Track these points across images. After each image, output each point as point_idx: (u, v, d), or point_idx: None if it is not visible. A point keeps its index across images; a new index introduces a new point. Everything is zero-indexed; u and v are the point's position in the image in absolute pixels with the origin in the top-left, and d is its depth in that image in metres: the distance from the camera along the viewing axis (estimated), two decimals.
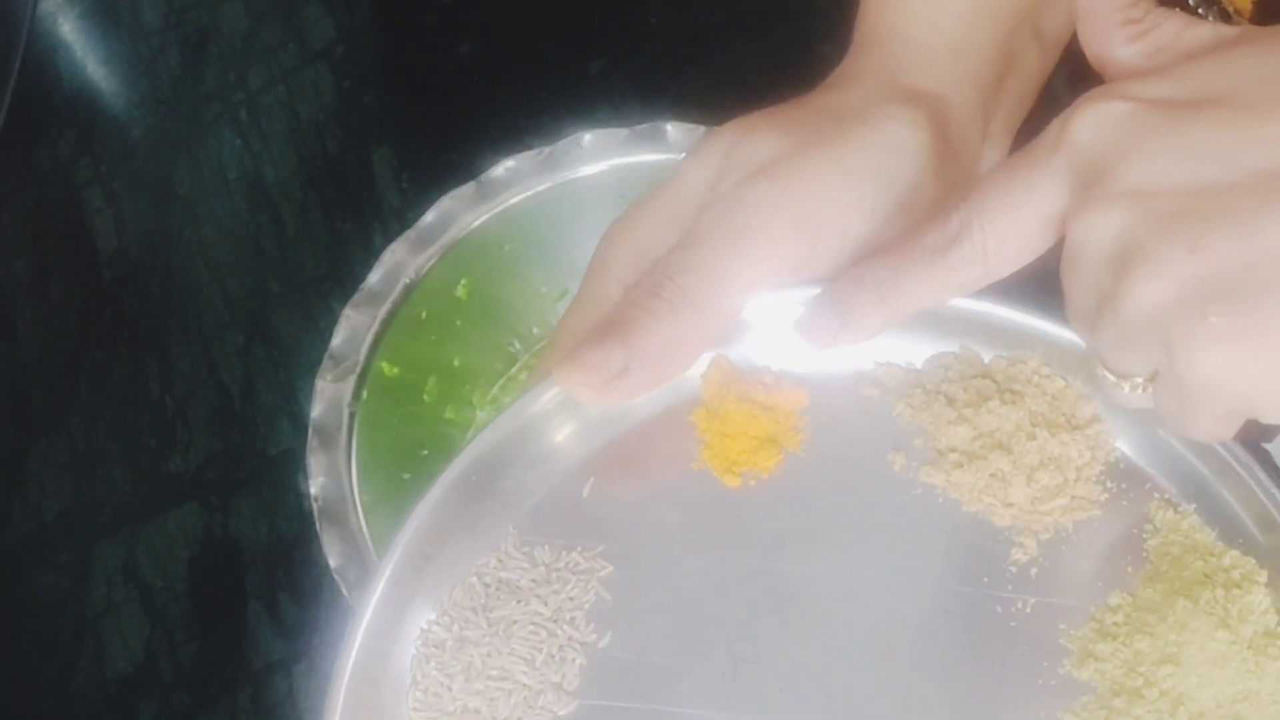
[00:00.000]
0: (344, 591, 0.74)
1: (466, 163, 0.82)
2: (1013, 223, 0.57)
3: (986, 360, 0.66)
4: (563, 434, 0.67)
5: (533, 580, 0.65)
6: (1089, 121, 0.55)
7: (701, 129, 0.83)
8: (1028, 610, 0.63)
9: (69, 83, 0.84)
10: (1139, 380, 0.58)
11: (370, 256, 0.78)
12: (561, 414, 0.66)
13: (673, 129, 0.84)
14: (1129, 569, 0.64)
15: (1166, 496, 0.65)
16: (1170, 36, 0.59)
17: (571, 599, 0.65)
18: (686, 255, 0.63)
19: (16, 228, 0.81)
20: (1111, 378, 0.59)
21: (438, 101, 0.92)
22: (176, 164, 0.86)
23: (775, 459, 0.66)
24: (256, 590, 0.76)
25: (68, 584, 0.73)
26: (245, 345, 0.74)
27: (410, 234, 0.85)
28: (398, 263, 0.84)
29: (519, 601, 0.64)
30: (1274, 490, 0.63)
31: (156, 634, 0.65)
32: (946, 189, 0.65)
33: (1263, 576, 0.63)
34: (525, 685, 0.63)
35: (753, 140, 0.65)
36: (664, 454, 0.67)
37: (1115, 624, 0.63)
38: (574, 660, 0.64)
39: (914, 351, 0.67)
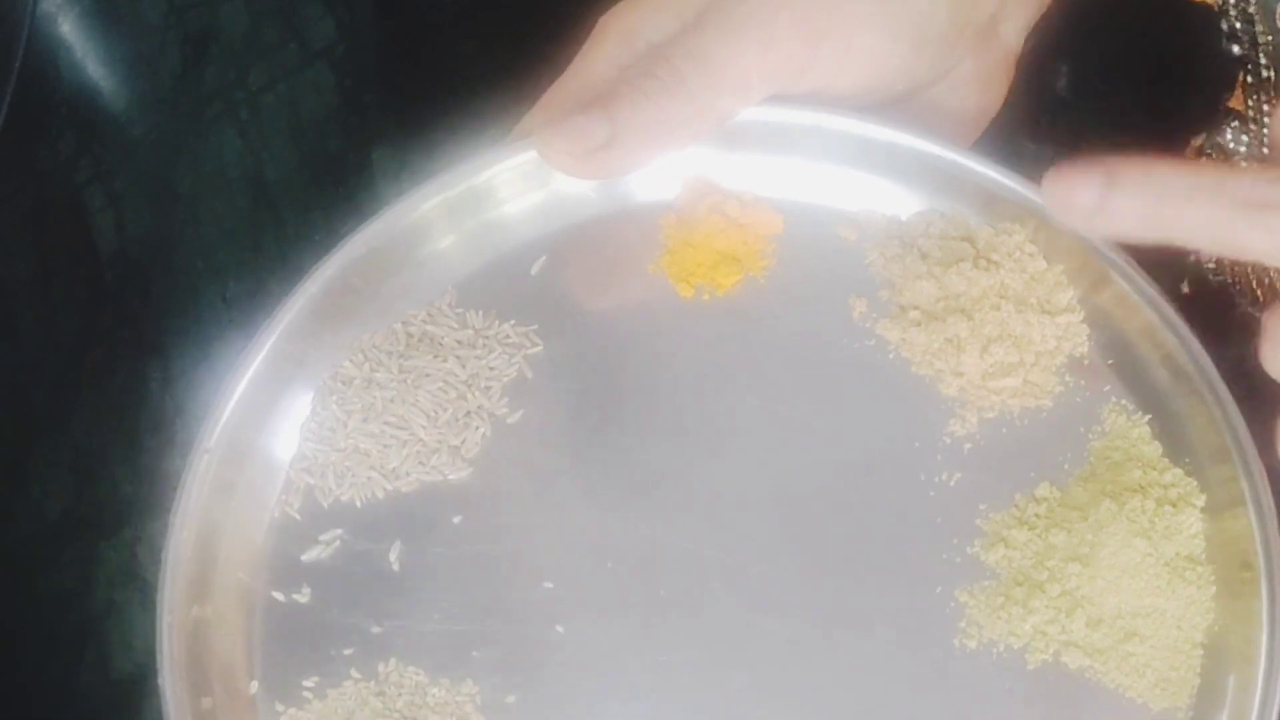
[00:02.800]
0: None
1: None
2: None
3: (973, 225, 0.63)
4: (526, 204, 0.64)
5: (458, 341, 0.63)
6: None
7: None
8: (951, 483, 0.61)
9: (69, 82, 0.82)
10: None
11: None
12: (528, 182, 0.64)
13: None
14: (1066, 465, 0.61)
15: (1123, 403, 0.61)
16: None
17: (492, 368, 0.62)
18: (685, 41, 0.61)
19: (17, 228, 0.79)
20: None
21: (438, 101, 0.91)
22: (177, 163, 0.86)
23: (734, 278, 0.64)
24: None
25: (70, 583, 0.72)
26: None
27: None
28: None
29: (437, 357, 0.62)
30: (1238, 426, 0.59)
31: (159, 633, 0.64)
32: (960, 27, 0.62)
33: (1200, 500, 0.60)
34: (421, 440, 0.61)
35: None
36: (623, 250, 0.64)
37: (1036, 515, 0.60)
38: (478, 429, 0.61)
39: (903, 203, 0.64)
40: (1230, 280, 0.71)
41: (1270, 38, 0.61)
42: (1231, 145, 0.66)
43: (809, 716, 0.58)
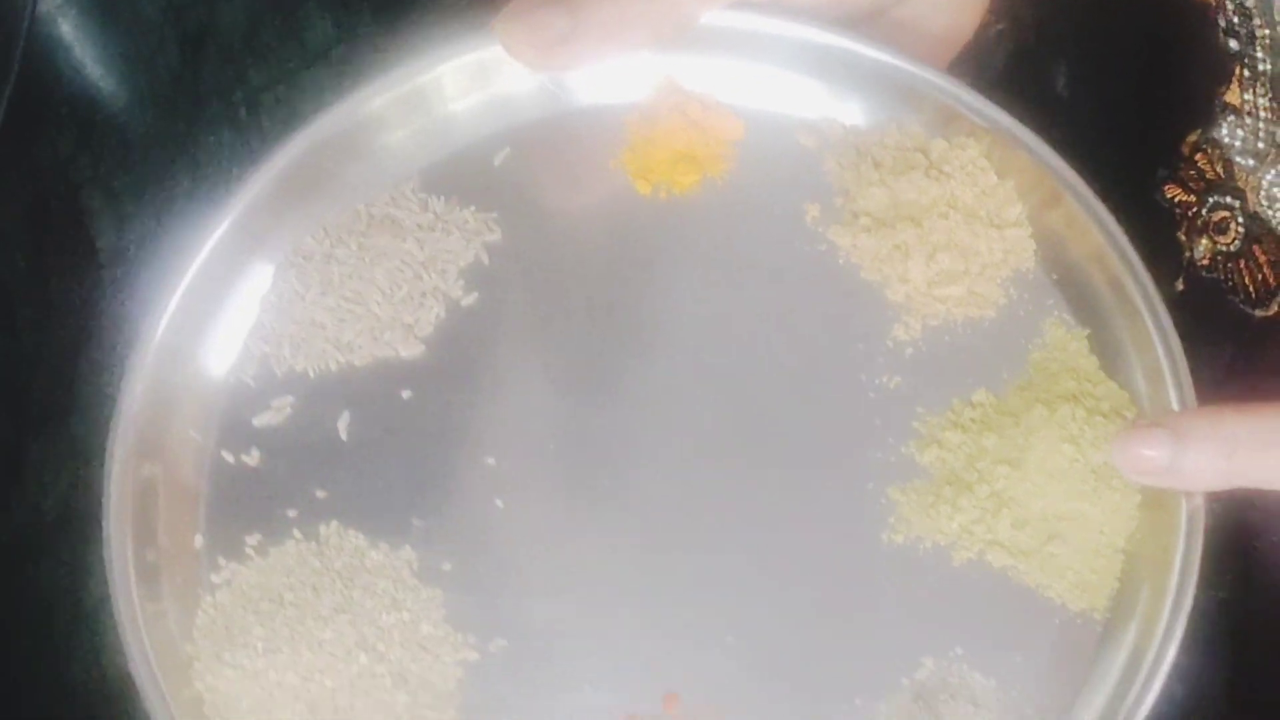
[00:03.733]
0: None
1: None
2: None
3: (928, 138, 0.64)
4: (491, 95, 0.66)
5: (418, 224, 0.64)
6: None
7: None
8: (891, 386, 0.62)
9: (68, 81, 0.82)
10: None
11: None
12: (495, 75, 0.65)
13: None
14: (1004, 374, 0.63)
15: (1064, 317, 0.63)
16: None
17: (450, 251, 0.64)
18: None
19: (16, 226, 0.79)
20: None
21: None
22: (175, 163, 0.86)
23: (692, 178, 0.65)
24: None
25: (65, 578, 0.72)
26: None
27: None
28: None
29: (396, 237, 0.64)
30: (1174, 347, 0.61)
31: None
32: None
33: (1131, 413, 0.61)
34: (376, 316, 0.62)
35: None
36: (586, 145, 0.66)
37: (971, 419, 0.62)
38: (432, 309, 0.63)
39: (862, 114, 0.65)
40: (1223, 278, 0.71)
41: (1268, 32, 0.62)
42: (1227, 140, 0.67)
43: (738, 601, 0.60)
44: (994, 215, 0.64)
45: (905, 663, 0.59)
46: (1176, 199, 0.70)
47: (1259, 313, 0.68)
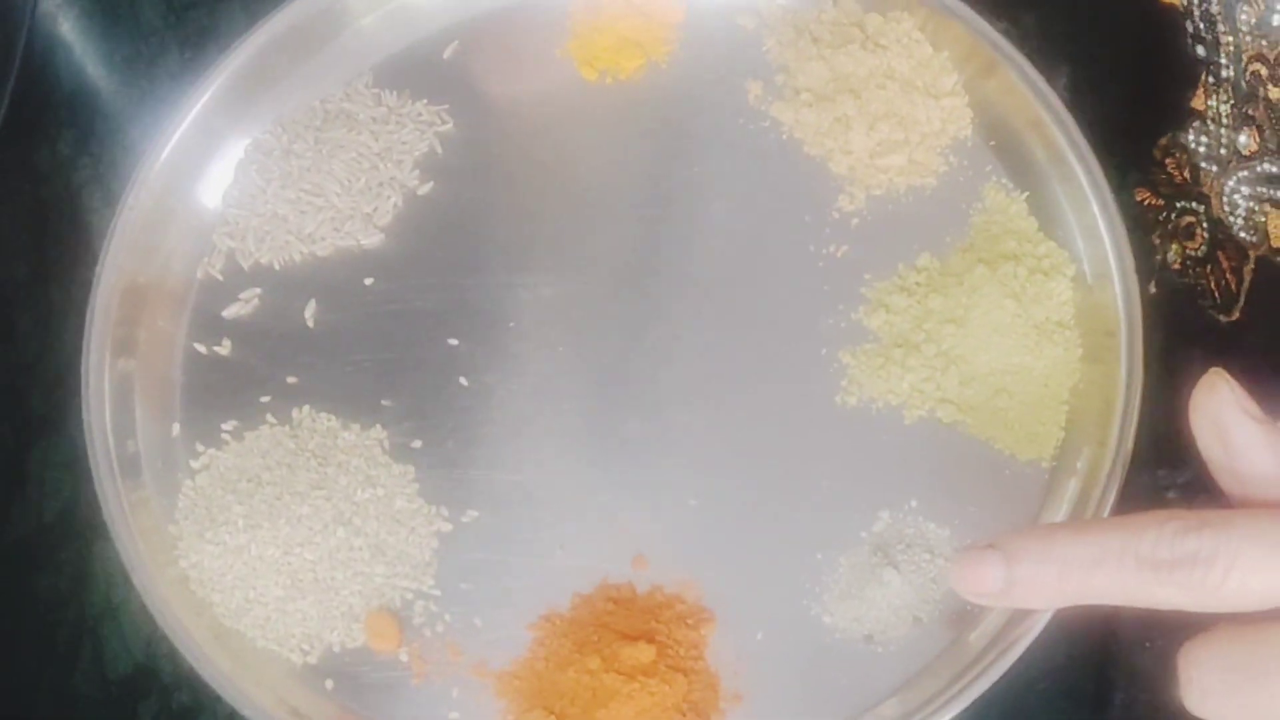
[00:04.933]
0: None
1: None
2: (1267, 583, 0.49)
3: (863, 13, 0.66)
4: None
5: (372, 117, 0.66)
6: None
7: None
8: (838, 255, 0.64)
9: (69, 82, 0.80)
10: None
11: None
12: None
13: None
14: (948, 238, 0.65)
15: (1004, 182, 0.65)
16: None
17: (404, 143, 0.66)
18: None
19: (16, 227, 0.78)
20: None
21: None
22: None
23: (637, 63, 0.67)
24: None
25: (67, 585, 0.71)
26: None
27: None
28: None
29: (352, 131, 0.65)
30: (1110, 206, 0.63)
31: (156, 635, 0.62)
32: None
33: (1070, 270, 0.63)
34: (336, 207, 0.64)
35: None
36: (533, 37, 0.68)
37: (916, 282, 0.64)
38: (390, 198, 0.65)
39: None
40: (1193, 284, 0.72)
41: (1231, 39, 0.63)
42: (1193, 145, 0.67)
43: (700, 465, 0.62)
44: (931, 85, 0.66)
45: (863, 518, 0.61)
46: (1146, 202, 0.71)
47: (1224, 318, 0.68)
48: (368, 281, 0.64)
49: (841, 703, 0.58)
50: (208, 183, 0.65)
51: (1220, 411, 0.52)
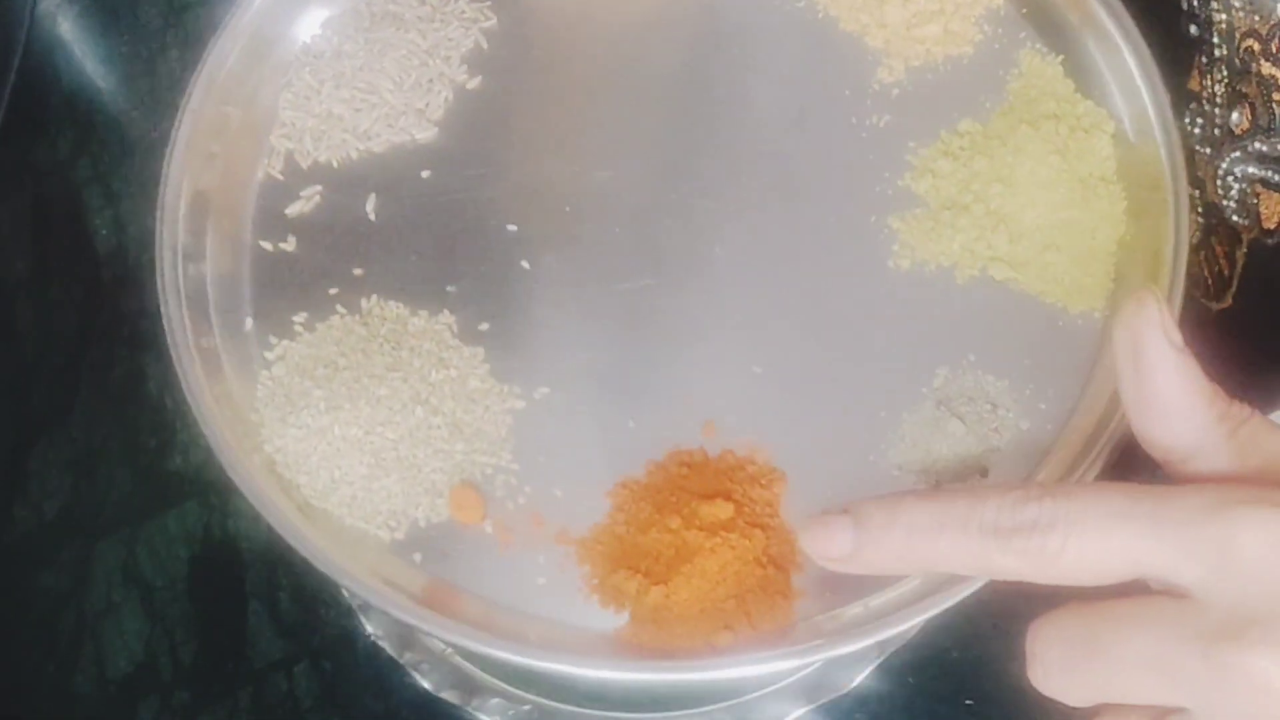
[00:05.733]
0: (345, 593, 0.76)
1: None
2: (1104, 553, 0.50)
3: None
4: None
5: (418, 16, 0.67)
6: (1260, 540, 0.48)
7: None
8: (881, 125, 0.66)
9: (68, 82, 0.81)
10: None
11: None
12: None
13: None
14: (987, 104, 0.66)
15: (1038, 47, 0.67)
16: (1260, 434, 0.53)
17: (450, 39, 0.67)
18: None
19: (16, 227, 0.79)
20: None
21: None
22: None
23: None
24: (256, 590, 0.77)
25: (67, 583, 0.72)
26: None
27: None
28: None
29: (399, 29, 0.67)
30: (1147, 62, 0.64)
31: (156, 633, 0.67)
32: None
33: (1110, 127, 0.65)
34: (390, 103, 0.65)
35: None
36: None
37: (960, 147, 0.65)
38: (440, 93, 0.66)
39: None
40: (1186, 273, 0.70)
41: (1224, 16, 0.63)
42: (1188, 128, 0.67)
43: (762, 333, 0.63)
44: None
45: (923, 374, 0.63)
46: None
47: (1216, 305, 0.69)
48: (424, 174, 0.65)
49: None
50: (263, 87, 0.66)
51: (1142, 329, 0.52)
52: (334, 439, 0.59)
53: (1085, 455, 0.58)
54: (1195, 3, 0.65)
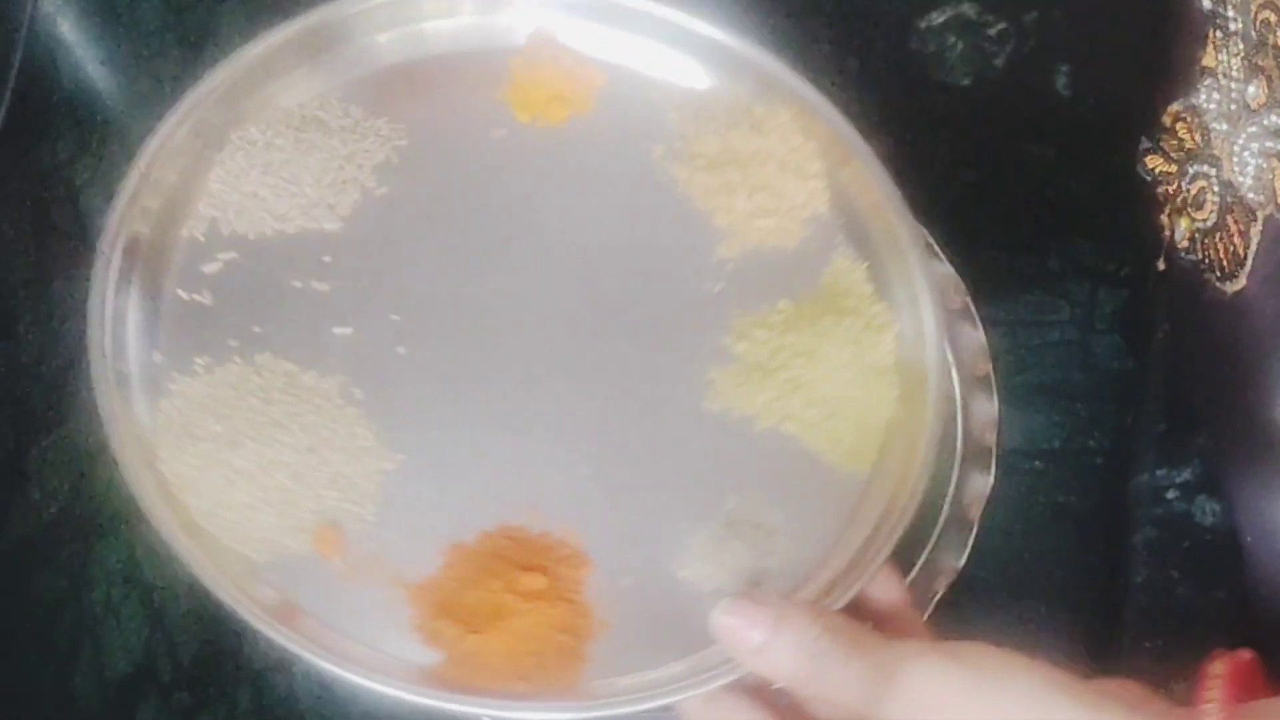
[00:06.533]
0: None
1: None
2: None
3: (752, 102, 0.82)
4: (406, 31, 0.81)
5: (342, 126, 0.79)
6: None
7: None
8: (714, 291, 0.79)
9: (69, 82, 0.82)
10: None
11: None
12: (410, 10, 0.81)
13: None
14: (803, 288, 0.79)
15: (849, 251, 0.81)
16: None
17: (366, 150, 0.79)
18: None
19: (16, 227, 0.78)
20: None
21: None
22: None
23: (564, 114, 0.81)
24: None
25: (67, 584, 0.72)
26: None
27: None
28: None
29: (324, 134, 0.78)
30: (929, 281, 0.79)
31: (156, 634, 0.68)
32: None
33: (895, 329, 0.79)
34: (306, 194, 0.77)
35: None
36: (478, 78, 0.82)
37: (775, 321, 0.78)
38: (351, 194, 0.78)
39: (704, 77, 0.83)
40: (1200, 257, 0.74)
41: None
42: (1204, 104, 0.67)
43: (587, 438, 0.75)
44: (799, 168, 0.82)
45: (717, 498, 0.74)
46: (1158, 170, 0.73)
47: (1230, 287, 0.70)
48: (325, 259, 0.76)
49: (687, 642, 0.71)
50: (200, 161, 0.77)
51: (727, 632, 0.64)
52: (228, 470, 0.69)
53: (843, 580, 0.71)
54: None
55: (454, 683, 0.68)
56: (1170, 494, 0.74)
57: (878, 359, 0.78)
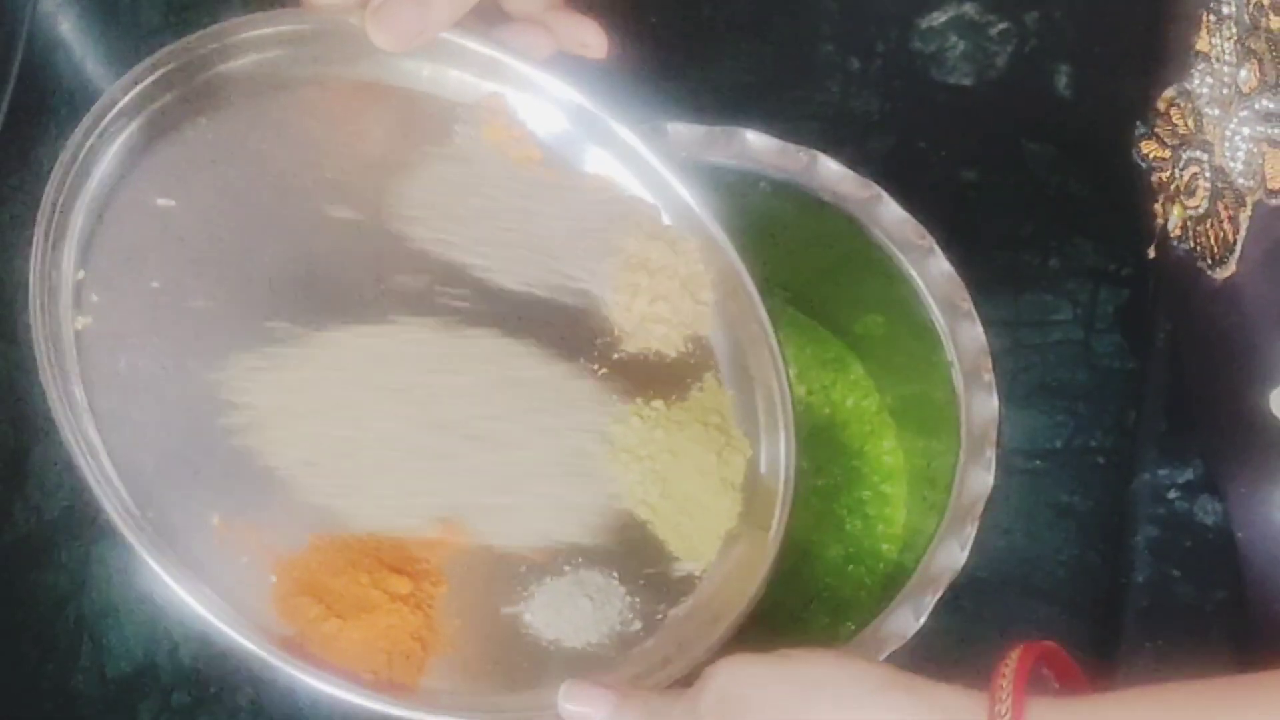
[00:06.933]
0: None
1: None
2: None
3: (667, 224, 0.89)
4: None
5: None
6: None
7: (702, 129, 0.91)
8: (599, 373, 0.84)
9: (69, 82, 0.81)
10: None
11: None
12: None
13: (673, 129, 0.92)
14: (675, 397, 0.86)
15: (720, 374, 0.88)
16: None
17: None
18: None
19: (16, 227, 0.77)
20: None
21: None
22: None
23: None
24: None
25: (67, 584, 0.72)
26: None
27: None
28: None
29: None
30: (787, 411, 0.87)
31: (156, 634, 0.67)
32: None
33: (749, 454, 0.86)
34: None
35: None
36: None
37: (648, 415, 0.85)
38: None
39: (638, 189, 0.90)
40: (1192, 246, 0.73)
41: None
42: (1197, 88, 0.67)
43: (466, 486, 0.79)
44: (695, 292, 0.89)
45: (569, 557, 0.80)
46: (1153, 155, 0.74)
47: (1220, 273, 0.70)
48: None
49: (515, 680, 0.76)
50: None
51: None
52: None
53: (674, 654, 0.77)
54: None
55: (306, 655, 0.71)
56: (1172, 494, 0.75)
57: (731, 475, 0.85)
